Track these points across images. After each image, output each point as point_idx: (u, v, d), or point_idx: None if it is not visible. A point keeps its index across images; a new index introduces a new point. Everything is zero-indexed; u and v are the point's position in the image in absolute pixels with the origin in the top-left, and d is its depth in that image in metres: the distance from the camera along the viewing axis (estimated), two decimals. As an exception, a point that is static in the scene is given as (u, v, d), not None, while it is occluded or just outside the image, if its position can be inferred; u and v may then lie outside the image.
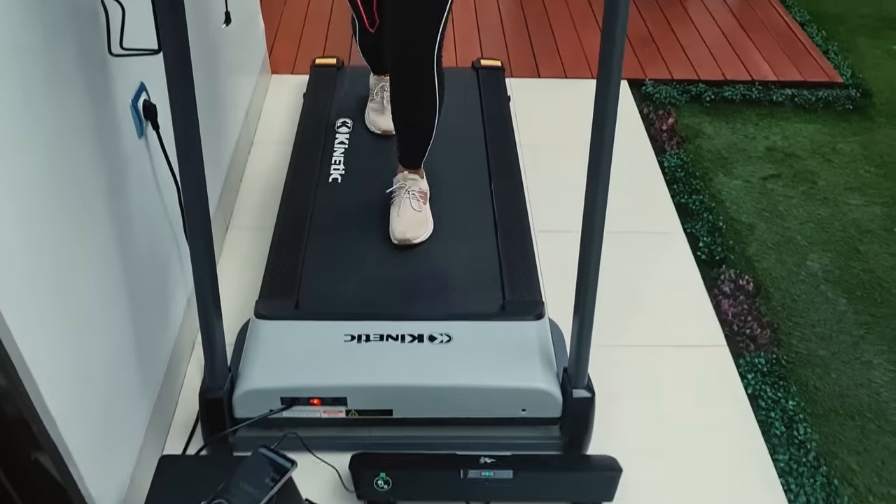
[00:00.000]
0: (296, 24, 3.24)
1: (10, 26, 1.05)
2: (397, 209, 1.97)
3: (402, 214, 1.95)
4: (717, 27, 3.33)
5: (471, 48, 3.12)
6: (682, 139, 2.69)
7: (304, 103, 2.56)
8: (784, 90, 2.94)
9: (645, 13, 3.42)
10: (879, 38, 3.36)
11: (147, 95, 1.54)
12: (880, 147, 2.71)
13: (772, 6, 3.51)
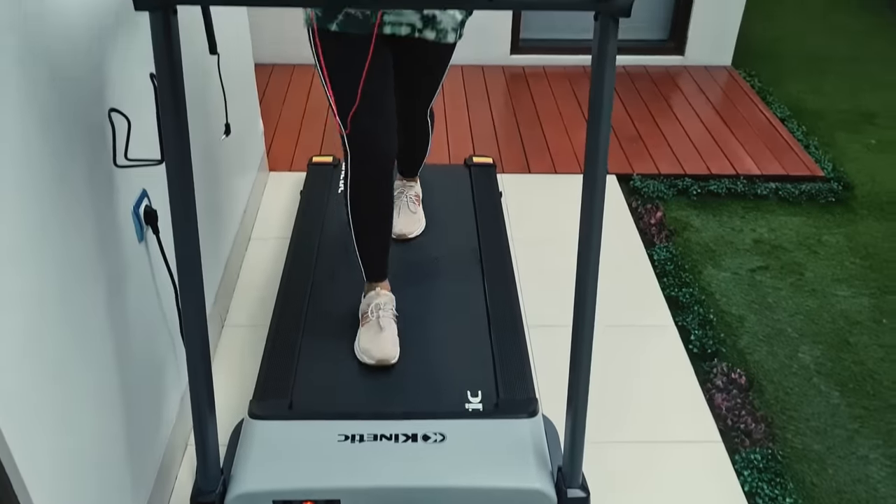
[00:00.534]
0: (294, 123, 3.35)
1: (25, 141, 1.10)
2: (397, 210, 2.33)
3: (401, 215, 2.34)
4: (700, 123, 3.45)
5: (464, 146, 3.22)
6: (670, 232, 2.75)
7: (301, 200, 2.63)
8: (768, 184, 3.03)
9: (631, 110, 3.55)
10: (858, 132, 3.48)
11: (148, 201, 1.59)
12: (864, 238, 2.77)
13: (753, 103, 3.64)
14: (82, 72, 1.31)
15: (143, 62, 1.55)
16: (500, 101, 3.62)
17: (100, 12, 1.38)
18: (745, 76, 3.92)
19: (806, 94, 3.82)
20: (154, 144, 1.54)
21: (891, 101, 3.76)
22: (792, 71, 4.06)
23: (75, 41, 1.28)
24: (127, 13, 1.48)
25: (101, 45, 1.38)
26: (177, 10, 1.29)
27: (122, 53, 1.47)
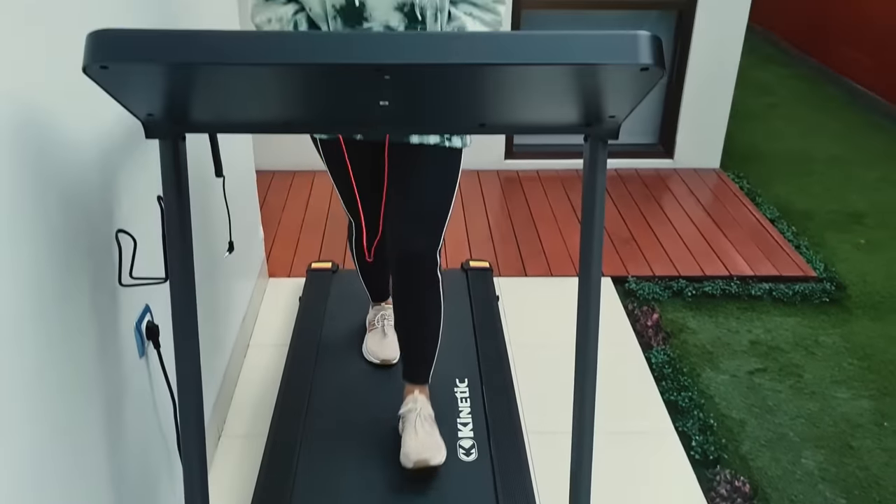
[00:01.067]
0: (293, 229, 3.41)
1: (34, 263, 1.14)
2: (413, 431, 1.90)
3: (419, 435, 1.89)
4: (692, 224, 3.52)
5: (460, 250, 3.27)
6: (667, 334, 2.77)
7: (300, 307, 2.65)
8: (762, 284, 3.07)
9: (623, 211, 3.63)
10: (847, 232, 3.55)
11: (150, 316, 1.61)
12: (860, 339, 2.78)
13: (742, 204, 3.73)
14: (92, 196, 1.35)
15: (150, 184, 1.61)
16: (495, 204, 3.70)
17: (111, 139, 1.44)
18: (734, 178, 4.03)
19: (794, 194, 3.92)
20: (158, 260, 1.58)
21: (876, 200, 3.86)
22: (779, 172, 4.17)
23: (86, 167, 1.34)
24: (136, 140, 1.55)
25: (111, 169, 1.44)
26: (185, 136, 1.35)
27: (131, 177, 1.53)
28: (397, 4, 1.61)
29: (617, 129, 1.37)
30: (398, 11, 1.61)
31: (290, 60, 1.05)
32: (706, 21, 3.76)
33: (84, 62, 1.04)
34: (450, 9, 1.70)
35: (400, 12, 1.61)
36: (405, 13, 1.61)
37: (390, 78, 1.12)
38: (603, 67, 1.09)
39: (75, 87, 1.28)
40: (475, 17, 1.71)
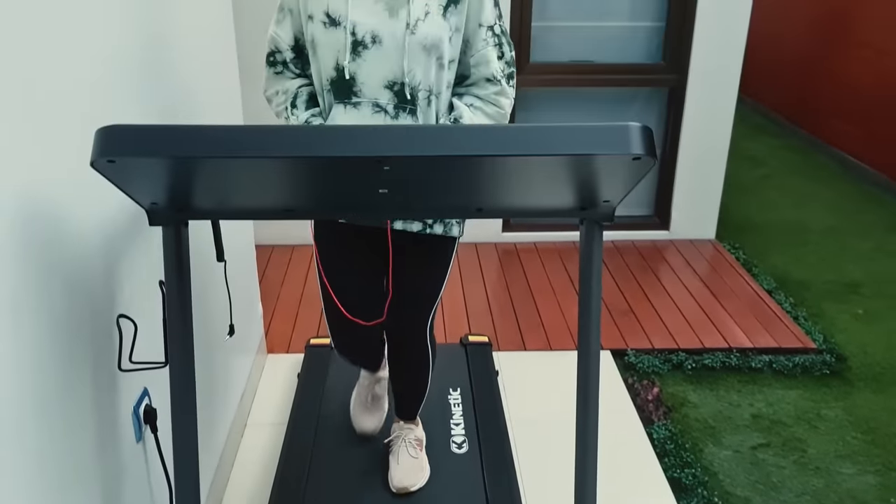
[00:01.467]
0: (292, 304, 3.42)
1: (35, 350, 1.14)
2: (396, 458, 2.14)
3: (401, 463, 2.12)
4: (690, 296, 3.54)
5: (459, 324, 3.27)
6: (668, 409, 2.75)
7: (299, 384, 2.64)
8: (762, 356, 3.06)
9: (621, 283, 3.64)
10: (844, 302, 3.56)
11: (148, 399, 1.61)
12: (863, 412, 2.76)
13: (739, 275, 3.75)
14: (95, 281, 1.37)
15: (152, 268, 1.63)
16: (493, 276, 3.72)
17: (114, 226, 1.47)
18: (730, 248, 4.06)
19: (790, 264, 3.94)
20: (158, 342, 1.58)
21: (872, 270, 3.88)
22: (774, 242, 4.21)
23: (90, 254, 1.36)
24: (139, 226, 1.57)
25: (114, 255, 1.46)
26: (188, 222, 1.37)
27: (133, 262, 1.55)
28: (387, 82, 1.65)
29: (612, 213, 1.40)
30: (388, 89, 1.66)
31: (292, 153, 1.08)
32: (697, 96, 3.86)
33: (92, 157, 1.07)
34: (452, 99, 1.75)
35: (390, 90, 1.66)
36: (395, 92, 1.66)
37: (390, 168, 1.15)
38: (596, 158, 1.12)
39: (80, 178, 1.31)
40: (476, 109, 1.74)
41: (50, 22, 1.23)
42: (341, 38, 1.62)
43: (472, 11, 1.68)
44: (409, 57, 1.62)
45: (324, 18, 1.64)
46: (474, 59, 1.73)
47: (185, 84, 1.92)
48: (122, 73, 1.51)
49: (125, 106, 1.52)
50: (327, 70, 1.66)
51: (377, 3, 1.62)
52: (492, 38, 1.71)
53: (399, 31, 1.61)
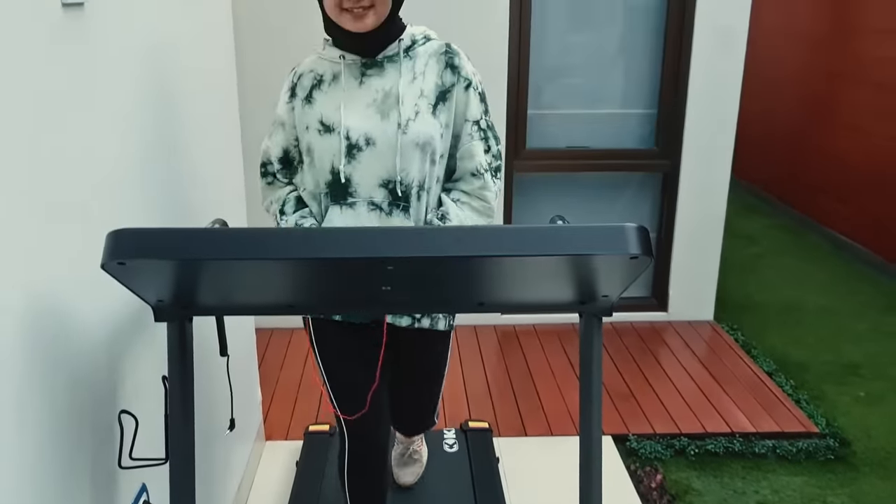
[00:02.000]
0: (291, 389, 3.40)
1: (36, 444, 1.14)
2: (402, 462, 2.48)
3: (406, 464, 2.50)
4: (690, 379, 3.52)
5: (459, 408, 3.25)
6: (672, 497, 2.70)
7: (297, 472, 2.60)
8: (765, 441, 3.03)
9: (621, 366, 3.64)
10: (845, 384, 3.55)
11: (146, 496, 1.59)
12: (870, 499, 2.72)
13: (738, 357, 3.75)
14: (98, 376, 1.38)
15: (155, 363, 1.63)
16: (493, 359, 3.72)
17: (119, 321, 1.48)
18: (728, 330, 4.07)
19: (788, 346, 3.95)
20: (158, 437, 1.57)
21: (870, 351, 3.88)
22: (771, 323, 4.22)
23: (95, 349, 1.37)
24: (144, 321, 1.59)
25: (118, 350, 1.47)
26: (192, 318, 1.39)
27: (136, 357, 1.56)
28: (382, 181, 1.70)
29: (611, 308, 1.42)
30: (382, 188, 1.70)
31: (298, 256, 1.11)
32: (691, 178, 3.94)
33: (103, 260, 1.10)
34: (441, 195, 1.79)
35: (384, 188, 1.70)
36: (389, 190, 1.70)
37: (394, 268, 1.17)
38: (594, 257, 1.15)
39: (85, 274, 1.34)
40: (462, 204, 1.76)
41: (59, 124, 1.27)
42: (336, 143, 1.68)
43: (459, 107, 1.73)
44: (402, 156, 1.67)
45: (318, 126, 1.70)
46: (460, 152, 1.76)
47: (192, 175, 1.97)
48: (129, 172, 1.56)
49: (131, 204, 1.56)
50: (324, 174, 1.71)
51: (369, 107, 1.68)
52: (477, 133, 1.74)
53: (391, 131, 1.67)
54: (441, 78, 1.71)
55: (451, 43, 1.76)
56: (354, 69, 1.71)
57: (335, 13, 1.64)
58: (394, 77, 1.69)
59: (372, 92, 1.69)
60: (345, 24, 1.64)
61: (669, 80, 3.85)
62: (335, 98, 1.70)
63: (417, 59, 1.72)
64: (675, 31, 3.78)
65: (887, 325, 4.19)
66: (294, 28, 3.45)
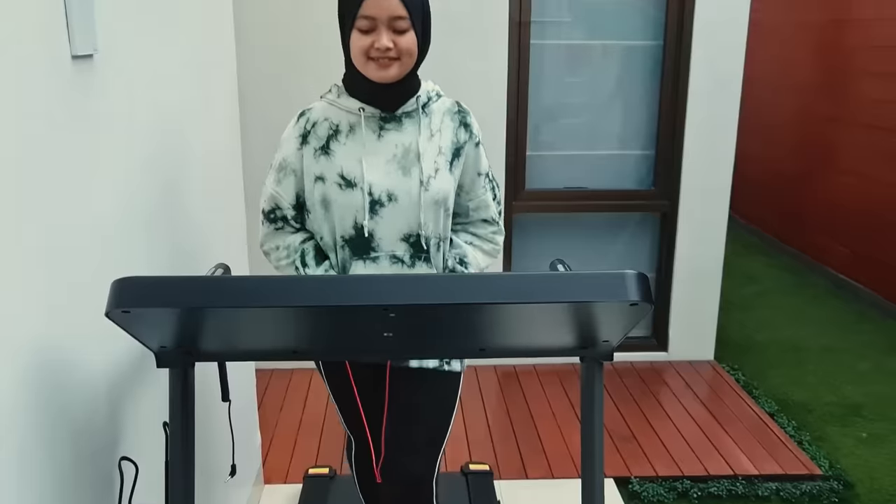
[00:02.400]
0: (290, 431, 3.38)
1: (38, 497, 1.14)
2: None
3: None
4: (691, 420, 3.50)
5: (459, 450, 3.22)
6: (675, 541, 2.67)
7: (296, 518, 2.58)
8: (768, 484, 3.00)
9: (622, 407, 3.62)
10: (847, 425, 3.53)
11: (145, 545, 1.57)
12: (875, 543, 2.69)
13: (740, 397, 3.73)
14: (99, 424, 1.38)
15: (157, 409, 1.63)
16: (493, 400, 3.70)
17: (120, 368, 1.49)
18: (729, 370, 4.06)
19: (789, 386, 3.93)
20: (158, 483, 1.56)
21: (872, 392, 3.87)
22: (772, 363, 4.21)
23: (96, 397, 1.37)
24: (145, 367, 1.59)
25: (119, 397, 1.47)
26: (195, 364, 1.40)
27: (138, 403, 1.56)
28: (403, 235, 1.72)
29: (611, 352, 1.43)
30: (404, 242, 1.72)
31: (301, 303, 1.12)
32: (689, 218, 3.96)
33: (107, 308, 1.11)
34: (451, 236, 1.83)
35: (406, 242, 1.73)
36: (410, 243, 1.73)
37: (395, 315, 1.18)
38: (594, 304, 1.16)
39: (88, 321, 1.35)
40: (475, 247, 1.85)
41: (64, 173, 1.29)
42: (359, 198, 1.69)
43: (469, 162, 1.81)
44: (425, 212, 1.70)
45: (339, 180, 1.70)
46: (474, 203, 1.86)
47: (194, 221, 1.99)
48: (131, 219, 1.57)
49: (133, 251, 1.58)
50: (344, 228, 1.72)
51: (389, 163, 1.71)
52: (488, 184, 1.86)
53: (414, 188, 1.70)
54: (456, 135, 1.78)
55: (459, 101, 1.82)
56: (373, 122, 1.73)
57: (361, 61, 1.66)
58: (413, 133, 1.73)
59: (392, 147, 1.72)
60: (369, 74, 1.67)
61: (667, 121, 3.90)
62: (355, 151, 1.71)
63: (433, 115, 1.76)
64: (672, 74, 3.84)
65: (889, 365, 4.17)
66: (297, 78, 3.51)
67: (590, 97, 3.99)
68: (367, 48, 1.63)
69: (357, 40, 1.64)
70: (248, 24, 3.37)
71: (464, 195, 1.83)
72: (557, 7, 3.84)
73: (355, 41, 1.65)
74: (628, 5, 3.86)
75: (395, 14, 1.61)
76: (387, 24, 1.62)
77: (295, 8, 3.53)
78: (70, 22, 1.27)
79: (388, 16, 1.61)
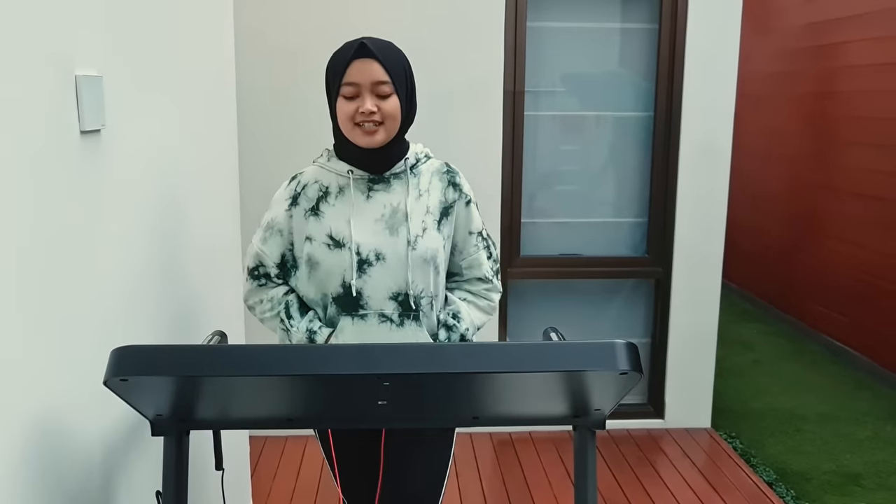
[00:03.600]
0: (283, 501, 3.33)
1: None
2: None
3: None
4: (689, 489, 3.46)
5: (454, 520, 3.18)
6: None
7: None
8: (767, 556, 2.95)
9: (619, 476, 3.58)
10: (847, 495, 3.49)
11: None
12: None
13: (738, 466, 3.70)
14: (93, 493, 1.37)
15: (150, 478, 1.63)
16: (488, 469, 3.66)
17: (115, 436, 1.49)
18: (726, 437, 4.03)
19: (787, 454, 3.90)
20: (148, 555, 1.55)
21: (871, 460, 3.83)
22: (770, 430, 4.19)
23: (90, 465, 1.37)
24: (140, 434, 1.59)
25: (113, 465, 1.47)
26: (190, 432, 1.40)
27: (132, 471, 1.55)
28: (392, 294, 1.75)
29: (603, 421, 1.44)
30: (392, 300, 1.75)
31: (297, 372, 1.14)
32: (683, 285, 4.00)
33: (105, 377, 1.12)
34: (446, 293, 1.86)
35: (394, 301, 1.75)
36: (399, 302, 1.75)
37: (389, 384, 1.20)
38: (585, 373, 1.18)
39: (86, 389, 1.36)
40: (469, 303, 1.87)
41: (65, 242, 1.33)
42: (347, 258, 1.73)
43: (460, 221, 1.85)
44: (413, 270, 1.73)
45: (327, 241, 1.75)
46: (467, 261, 1.88)
47: (191, 289, 2.01)
48: (133, 291, 1.60)
49: (131, 318, 1.60)
50: (332, 286, 1.76)
51: (377, 222, 1.75)
52: (481, 242, 1.89)
53: (401, 247, 1.74)
54: (444, 195, 1.82)
55: (448, 162, 1.86)
56: (361, 184, 1.79)
57: (348, 127, 1.73)
58: (401, 193, 1.77)
59: (380, 207, 1.77)
60: (356, 140, 1.73)
61: (658, 189, 3.98)
62: (344, 212, 1.76)
63: (421, 176, 1.81)
64: (662, 144, 3.93)
65: (889, 434, 4.15)
66: (295, 144, 3.59)
67: (583, 165, 4.07)
68: (353, 114, 1.70)
69: (343, 107, 1.71)
70: (249, 86, 3.46)
71: (457, 254, 1.87)
72: (551, 79, 3.96)
73: (341, 108, 1.72)
74: (619, 77, 3.98)
75: (377, 79, 1.69)
76: (370, 89, 1.69)
77: (294, 72, 3.63)
78: (80, 101, 1.32)
79: (370, 81, 1.69)
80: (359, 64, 1.68)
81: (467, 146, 3.71)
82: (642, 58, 3.95)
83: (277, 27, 3.62)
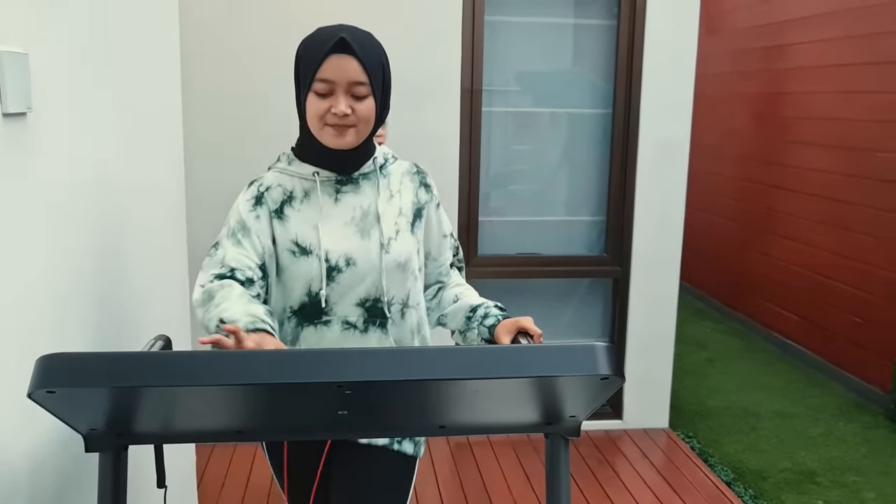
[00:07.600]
0: (232, 510, 3.19)
1: None
2: None
3: None
4: (649, 490, 3.43)
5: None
6: None
7: None
8: (729, 557, 2.93)
9: (579, 479, 3.52)
10: (804, 493, 3.50)
11: None
12: None
13: (696, 466, 3.68)
14: (17, 517, 1.24)
15: (84, 499, 1.49)
16: (446, 472, 3.57)
17: (45, 451, 1.36)
18: (684, 437, 4.01)
19: (744, 453, 3.90)
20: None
21: (825, 457, 3.86)
22: (727, 429, 4.19)
23: (15, 484, 1.24)
24: (73, 450, 1.46)
25: (41, 484, 1.34)
26: (128, 447, 1.28)
27: (62, 492, 1.42)
28: (359, 300, 1.63)
29: (578, 428, 1.36)
30: (359, 307, 1.63)
31: (249, 381, 1.03)
32: (641, 284, 3.97)
33: (30, 388, 1.00)
34: (454, 291, 1.81)
35: (361, 307, 1.64)
36: (366, 308, 1.64)
37: (351, 392, 1.10)
38: (562, 379, 1.10)
39: (10, 400, 1.22)
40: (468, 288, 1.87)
41: (-2, 242, 1.19)
42: (315, 266, 1.59)
43: (433, 225, 1.77)
44: (387, 276, 1.63)
45: (291, 247, 1.61)
46: (439, 262, 1.83)
47: (133, 291, 1.88)
48: (65, 291, 1.46)
49: (63, 323, 1.46)
50: (296, 297, 1.62)
51: (347, 226, 1.63)
52: (453, 243, 1.86)
53: (373, 251, 1.62)
54: (417, 196, 1.73)
55: (416, 163, 1.78)
56: (329, 186, 1.65)
57: (316, 126, 1.58)
58: (371, 194, 1.66)
59: (349, 209, 1.64)
60: (324, 140, 1.59)
61: (617, 188, 3.94)
62: (310, 217, 1.62)
63: (391, 176, 1.71)
64: (620, 142, 3.90)
65: (839, 430, 4.19)
66: (244, 144, 3.44)
67: (541, 163, 4.02)
68: (324, 113, 1.56)
69: (313, 104, 1.57)
70: (195, 87, 3.30)
71: (431, 262, 1.79)
72: (509, 75, 3.89)
73: (311, 105, 1.57)
74: (578, 74, 3.93)
75: (354, 79, 1.55)
76: (345, 88, 1.55)
77: (243, 72, 3.48)
78: (3, 80, 1.19)
79: (347, 80, 1.54)
80: (336, 60, 1.53)
81: (423, 143, 3.61)
82: (601, 54, 3.91)
83: (227, 21, 3.46)
